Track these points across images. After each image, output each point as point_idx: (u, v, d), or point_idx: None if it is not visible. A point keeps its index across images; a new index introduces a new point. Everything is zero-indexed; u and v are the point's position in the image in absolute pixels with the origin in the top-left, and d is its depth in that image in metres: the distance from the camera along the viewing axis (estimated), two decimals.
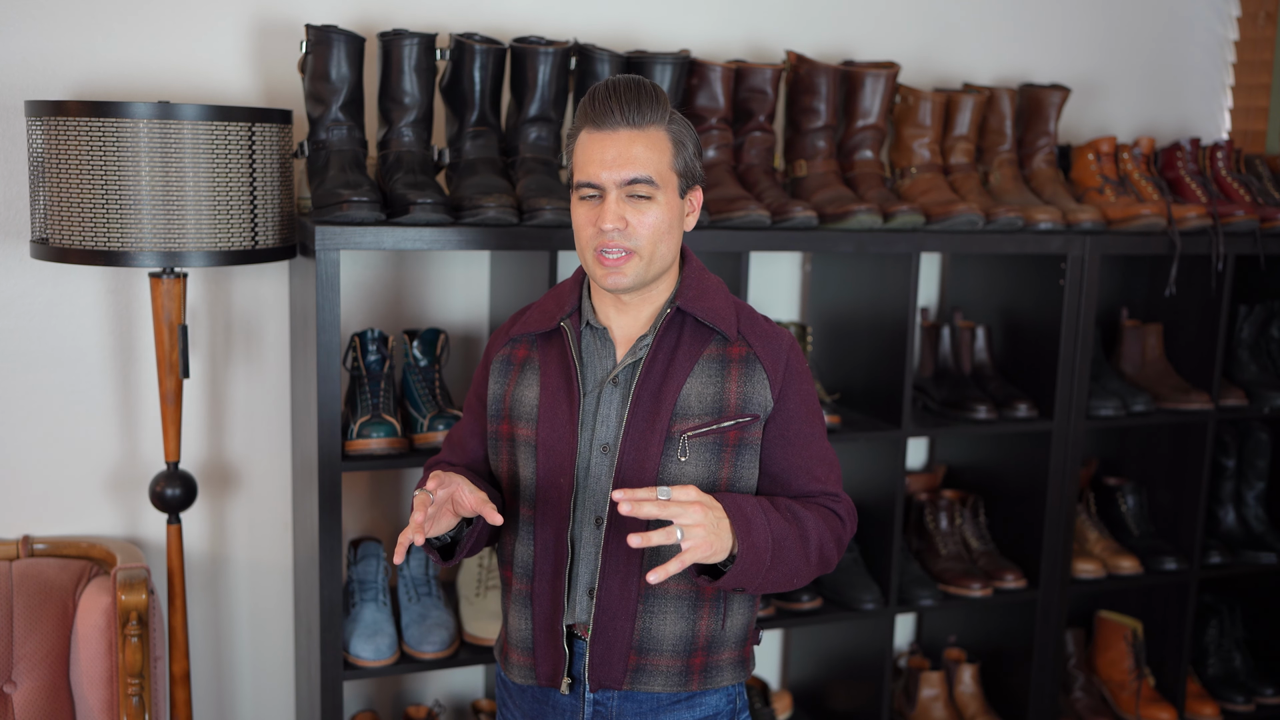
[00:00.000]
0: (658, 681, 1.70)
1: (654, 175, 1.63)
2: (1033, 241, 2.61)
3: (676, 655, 1.70)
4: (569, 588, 1.70)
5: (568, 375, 1.70)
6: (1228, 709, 3.09)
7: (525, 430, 1.72)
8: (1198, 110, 3.30)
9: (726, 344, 1.70)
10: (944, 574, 2.76)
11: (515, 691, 1.81)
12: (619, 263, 1.63)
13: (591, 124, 1.64)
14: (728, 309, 1.72)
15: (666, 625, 1.69)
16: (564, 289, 1.78)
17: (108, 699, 2.20)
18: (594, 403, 1.69)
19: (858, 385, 2.74)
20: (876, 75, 2.61)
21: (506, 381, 1.76)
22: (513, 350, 1.78)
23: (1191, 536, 2.94)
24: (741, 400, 1.67)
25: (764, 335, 1.72)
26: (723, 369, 1.68)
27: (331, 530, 2.19)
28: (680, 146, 1.66)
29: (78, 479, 2.44)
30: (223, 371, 2.51)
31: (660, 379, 1.67)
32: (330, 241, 2.10)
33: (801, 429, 1.71)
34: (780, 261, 2.91)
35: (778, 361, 1.70)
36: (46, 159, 2.04)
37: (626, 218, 1.62)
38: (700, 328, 1.71)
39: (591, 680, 1.69)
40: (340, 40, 2.22)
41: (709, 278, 1.75)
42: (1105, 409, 2.77)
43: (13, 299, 2.36)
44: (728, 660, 1.75)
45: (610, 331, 1.72)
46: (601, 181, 1.62)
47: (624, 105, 1.62)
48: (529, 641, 1.74)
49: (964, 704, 2.92)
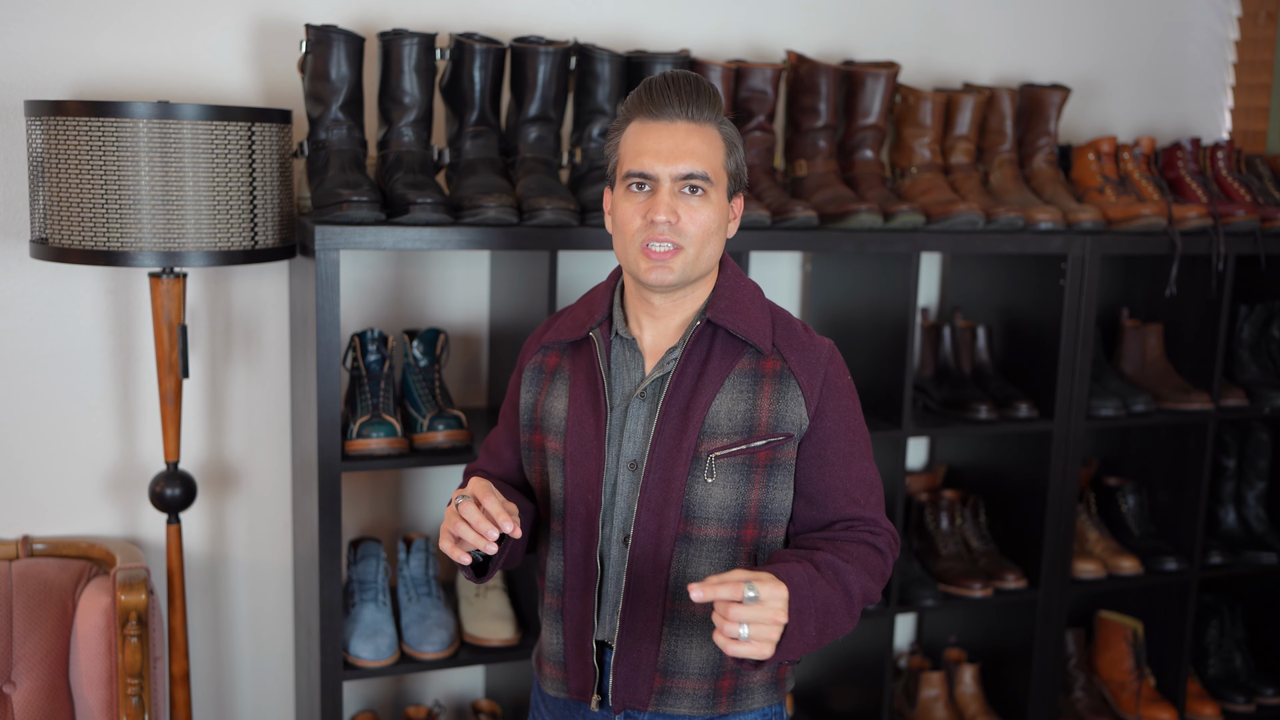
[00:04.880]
0: (684, 704, 1.64)
1: (709, 172, 1.56)
2: (1033, 241, 2.61)
3: (703, 678, 1.64)
4: (598, 604, 1.65)
5: (594, 388, 1.64)
6: (1228, 709, 3.08)
7: (554, 444, 1.67)
8: (1198, 110, 3.30)
9: (760, 358, 1.62)
10: (944, 574, 2.76)
11: (551, 702, 1.76)
12: (666, 256, 1.56)
13: (647, 114, 1.57)
14: (762, 319, 1.64)
15: (693, 648, 1.63)
16: (597, 294, 1.71)
17: (107, 699, 2.20)
18: (621, 417, 1.63)
19: (858, 385, 2.73)
20: (877, 75, 2.61)
21: (538, 391, 1.71)
22: (544, 358, 1.72)
23: (1192, 536, 2.94)
24: (774, 419, 1.59)
25: (801, 348, 1.63)
26: (755, 385, 1.60)
27: (331, 530, 2.19)
28: (732, 148, 1.61)
29: (78, 479, 2.44)
30: (222, 371, 2.51)
31: (689, 395, 1.60)
32: (330, 241, 2.10)
33: (840, 448, 1.62)
34: (780, 261, 2.90)
35: (814, 376, 1.61)
36: (46, 159, 2.03)
37: (679, 212, 1.55)
38: (732, 340, 1.63)
39: (616, 702, 1.65)
40: (340, 40, 2.22)
41: (744, 286, 1.67)
42: (1106, 409, 2.77)
43: (13, 299, 2.36)
44: (759, 683, 1.67)
45: (640, 342, 1.65)
46: (655, 173, 1.55)
47: (684, 97, 1.56)
48: (560, 655, 1.70)
49: (964, 704, 2.92)
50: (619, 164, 1.61)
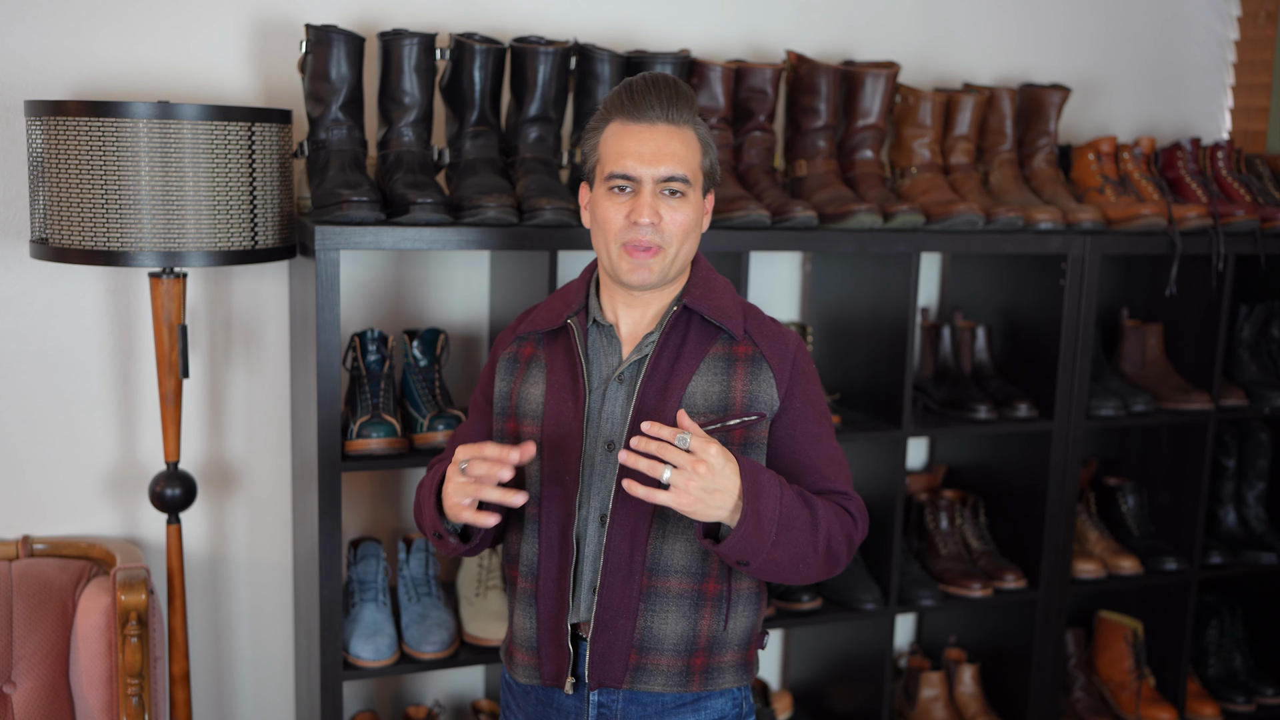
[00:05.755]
0: (658, 681, 1.69)
1: (688, 173, 1.64)
2: (1033, 241, 2.61)
3: (677, 655, 1.69)
4: (574, 586, 1.70)
5: (573, 372, 1.70)
6: (1228, 709, 3.08)
7: (530, 427, 1.72)
8: (1198, 110, 3.30)
9: (733, 343, 1.70)
10: (944, 574, 2.76)
11: (519, 693, 1.80)
12: (647, 257, 1.64)
13: (627, 115, 1.64)
14: (735, 308, 1.72)
15: (668, 624, 1.68)
16: (571, 288, 1.78)
17: (107, 699, 2.20)
18: (599, 400, 1.69)
19: (858, 385, 2.74)
20: (876, 75, 2.61)
21: (512, 379, 1.76)
22: (519, 348, 1.78)
23: (1192, 536, 2.94)
24: (747, 399, 1.67)
25: (770, 335, 1.71)
26: (729, 367, 1.68)
27: (331, 530, 2.19)
28: (707, 147, 1.68)
29: (78, 479, 2.44)
30: (223, 371, 2.51)
31: (666, 376, 1.67)
32: (330, 241, 2.10)
33: (809, 429, 1.70)
34: (780, 261, 2.90)
35: (784, 361, 1.69)
36: (46, 159, 2.04)
37: (660, 213, 1.63)
38: (706, 326, 1.71)
39: (591, 679, 1.69)
40: (340, 40, 2.22)
41: (716, 278, 1.75)
42: (1105, 409, 2.77)
43: (13, 299, 2.36)
44: (730, 663, 1.74)
45: (617, 328, 1.72)
46: (638, 175, 1.62)
47: (664, 100, 1.63)
48: (534, 641, 1.73)
49: (964, 704, 2.92)
50: (599, 164, 1.67)
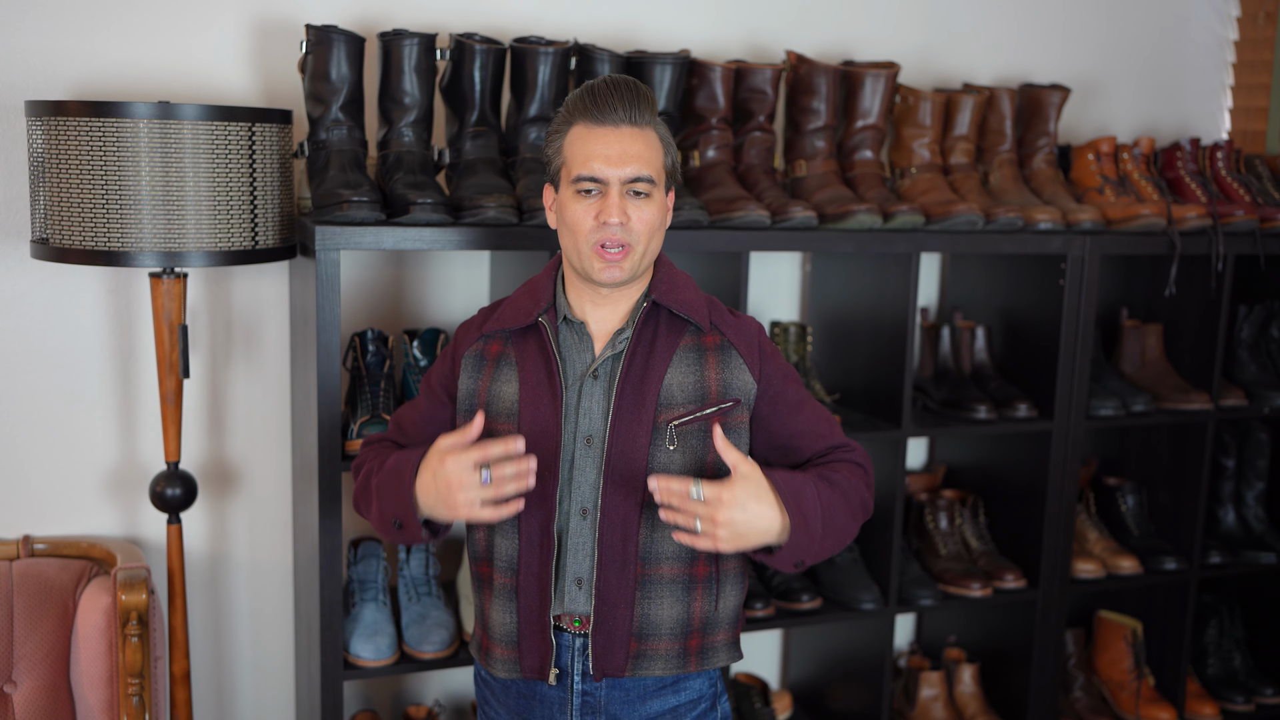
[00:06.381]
0: (658, 665, 1.73)
1: (653, 174, 1.68)
2: (1033, 241, 2.61)
3: (674, 639, 1.74)
4: (556, 579, 1.72)
5: (549, 370, 1.73)
6: (1228, 709, 3.08)
7: (506, 426, 1.73)
8: (1198, 110, 3.30)
9: (700, 334, 1.75)
10: (944, 574, 2.76)
11: (498, 688, 1.82)
12: (618, 257, 1.67)
13: (591, 119, 1.67)
14: (699, 301, 1.77)
15: (664, 610, 1.72)
16: (537, 284, 1.79)
17: (108, 699, 2.20)
18: (575, 396, 1.72)
19: (858, 385, 2.74)
20: (876, 75, 2.61)
21: (480, 377, 1.77)
22: (485, 346, 1.79)
23: (1191, 536, 2.94)
24: (722, 386, 1.72)
25: (734, 324, 1.78)
26: (700, 358, 1.73)
27: (331, 530, 2.19)
28: (668, 146, 1.73)
29: (78, 479, 2.44)
30: (223, 371, 2.51)
31: (642, 371, 1.71)
32: (330, 241, 2.10)
33: (789, 397, 1.77)
34: (780, 261, 2.91)
35: (751, 345, 1.76)
36: (46, 159, 2.04)
37: (629, 213, 1.67)
38: (675, 320, 1.76)
39: (595, 670, 1.72)
40: (340, 40, 2.22)
41: (678, 273, 1.80)
42: (1105, 409, 2.77)
43: (13, 299, 2.36)
44: (722, 641, 1.79)
45: (587, 325, 1.75)
46: (605, 176, 1.66)
47: (626, 102, 1.67)
48: (514, 635, 1.75)
49: (964, 704, 2.92)
50: (565, 166, 1.70)
